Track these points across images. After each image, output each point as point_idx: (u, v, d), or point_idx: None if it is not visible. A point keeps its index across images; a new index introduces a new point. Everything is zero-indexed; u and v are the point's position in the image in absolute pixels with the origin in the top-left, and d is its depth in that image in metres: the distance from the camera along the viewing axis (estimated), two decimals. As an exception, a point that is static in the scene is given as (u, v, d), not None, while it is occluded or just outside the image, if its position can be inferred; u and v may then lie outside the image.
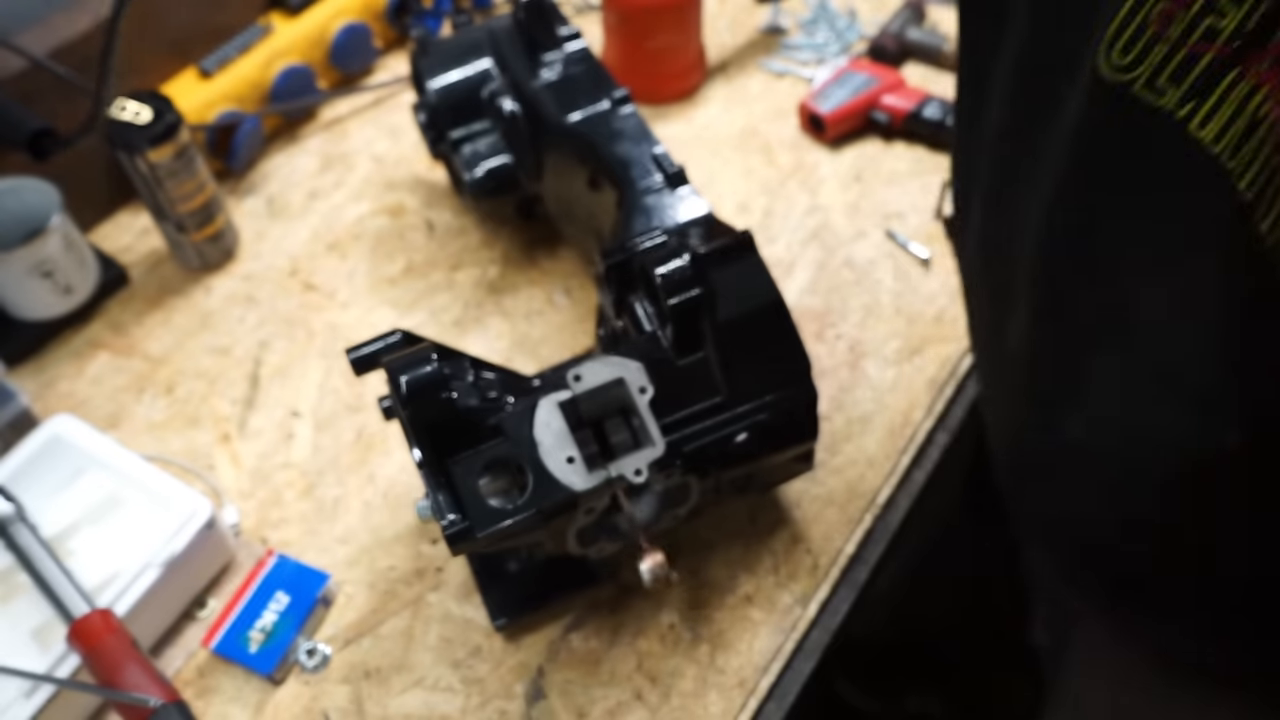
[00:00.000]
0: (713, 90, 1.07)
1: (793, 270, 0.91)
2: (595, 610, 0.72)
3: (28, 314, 0.86)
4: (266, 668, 0.69)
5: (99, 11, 0.89)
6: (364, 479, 0.79)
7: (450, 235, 0.95)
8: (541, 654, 0.70)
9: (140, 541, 0.71)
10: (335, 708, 0.69)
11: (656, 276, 0.60)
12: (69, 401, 0.84)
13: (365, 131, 1.04)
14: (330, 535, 0.76)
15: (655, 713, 0.68)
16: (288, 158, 1.02)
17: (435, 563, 0.75)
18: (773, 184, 0.98)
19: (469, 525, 0.57)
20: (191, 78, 0.96)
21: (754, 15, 1.13)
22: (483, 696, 0.69)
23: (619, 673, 0.69)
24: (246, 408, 0.84)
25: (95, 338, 0.89)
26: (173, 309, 0.90)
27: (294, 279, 0.92)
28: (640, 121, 0.78)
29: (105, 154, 0.91)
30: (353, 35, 1.03)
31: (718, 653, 0.70)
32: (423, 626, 0.72)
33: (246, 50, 0.97)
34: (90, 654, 0.63)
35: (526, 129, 0.83)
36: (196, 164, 0.86)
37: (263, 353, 0.87)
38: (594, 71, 0.83)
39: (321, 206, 0.97)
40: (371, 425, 0.82)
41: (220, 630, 0.70)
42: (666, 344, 0.62)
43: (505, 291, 0.91)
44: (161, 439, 0.82)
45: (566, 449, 0.59)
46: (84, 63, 0.88)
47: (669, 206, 0.71)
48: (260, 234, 0.95)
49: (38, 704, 0.64)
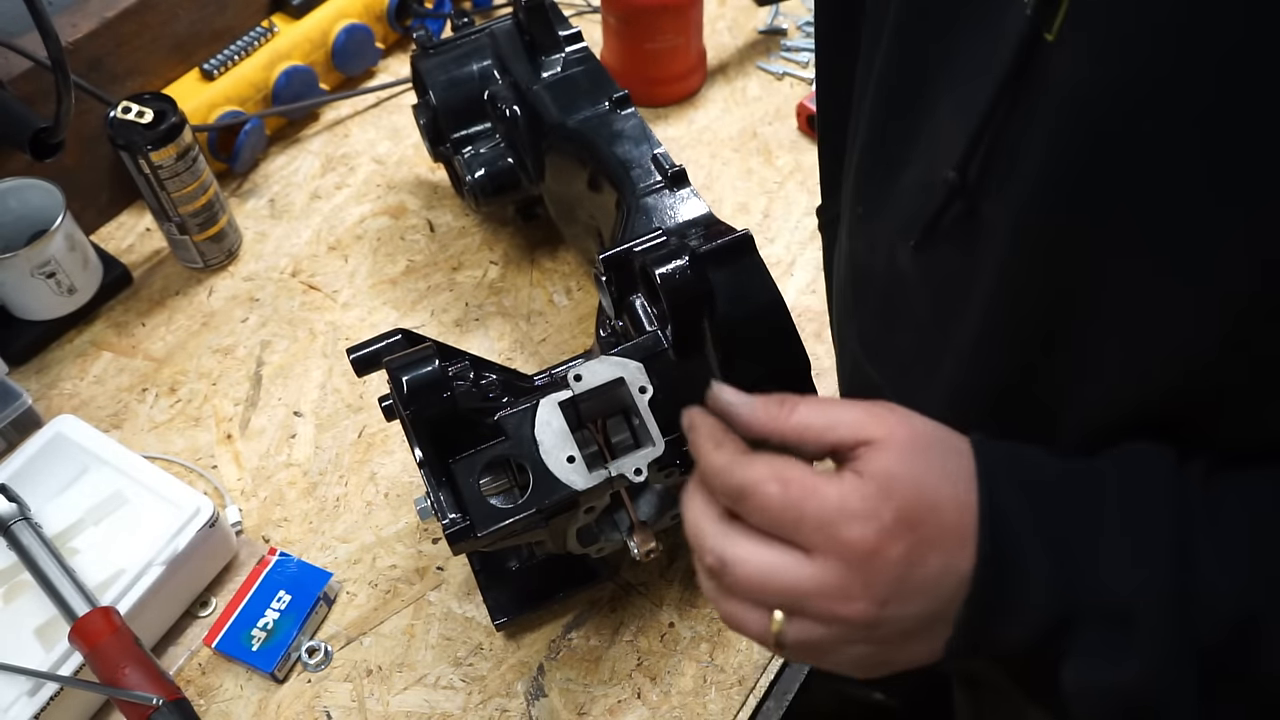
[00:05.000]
0: (712, 91, 1.07)
1: (792, 270, 0.91)
2: (595, 609, 0.72)
3: (31, 314, 0.87)
4: (268, 666, 0.69)
5: (101, 13, 0.89)
6: (365, 478, 0.79)
7: (451, 236, 0.95)
8: (542, 652, 0.71)
9: (143, 540, 0.71)
10: (337, 706, 0.69)
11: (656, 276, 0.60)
12: (72, 401, 0.85)
13: (367, 133, 1.04)
14: (332, 534, 0.77)
15: (655, 711, 0.68)
16: (290, 159, 1.02)
17: (436, 562, 0.75)
18: (772, 184, 0.98)
19: (470, 524, 0.58)
20: (194, 79, 0.96)
21: (754, 17, 1.14)
22: (483, 695, 0.69)
23: (619, 671, 0.70)
24: (249, 407, 0.84)
25: (98, 338, 0.89)
26: (175, 309, 0.91)
27: (296, 279, 0.92)
28: (640, 122, 0.79)
29: (108, 155, 0.91)
30: (354, 37, 1.03)
31: (717, 651, 0.70)
32: (424, 625, 0.72)
33: (249, 52, 0.97)
34: (92, 652, 0.64)
35: (527, 130, 0.83)
36: (199, 165, 0.86)
37: (265, 353, 0.87)
38: (594, 73, 0.84)
39: (323, 207, 0.98)
40: (373, 425, 0.82)
41: (222, 629, 0.70)
42: (666, 344, 0.62)
43: (506, 292, 0.91)
44: (164, 438, 0.82)
45: (567, 448, 0.59)
46: (86, 64, 0.88)
47: (669, 207, 0.72)
48: (262, 235, 0.96)
49: (41, 702, 0.64)
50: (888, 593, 0.37)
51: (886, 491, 0.38)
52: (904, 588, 0.38)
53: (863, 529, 0.37)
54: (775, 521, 0.39)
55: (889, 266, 0.50)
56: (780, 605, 0.39)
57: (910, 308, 0.50)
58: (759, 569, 0.39)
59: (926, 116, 0.45)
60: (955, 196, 0.42)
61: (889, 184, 0.49)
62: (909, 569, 0.37)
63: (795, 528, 0.38)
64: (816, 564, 0.38)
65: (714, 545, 0.40)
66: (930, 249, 0.46)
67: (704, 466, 0.42)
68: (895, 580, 0.37)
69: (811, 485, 0.38)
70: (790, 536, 0.39)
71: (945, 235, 0.44)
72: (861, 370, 0.59)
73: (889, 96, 0.48)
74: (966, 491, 0.38)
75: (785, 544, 0.39)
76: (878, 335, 0.57)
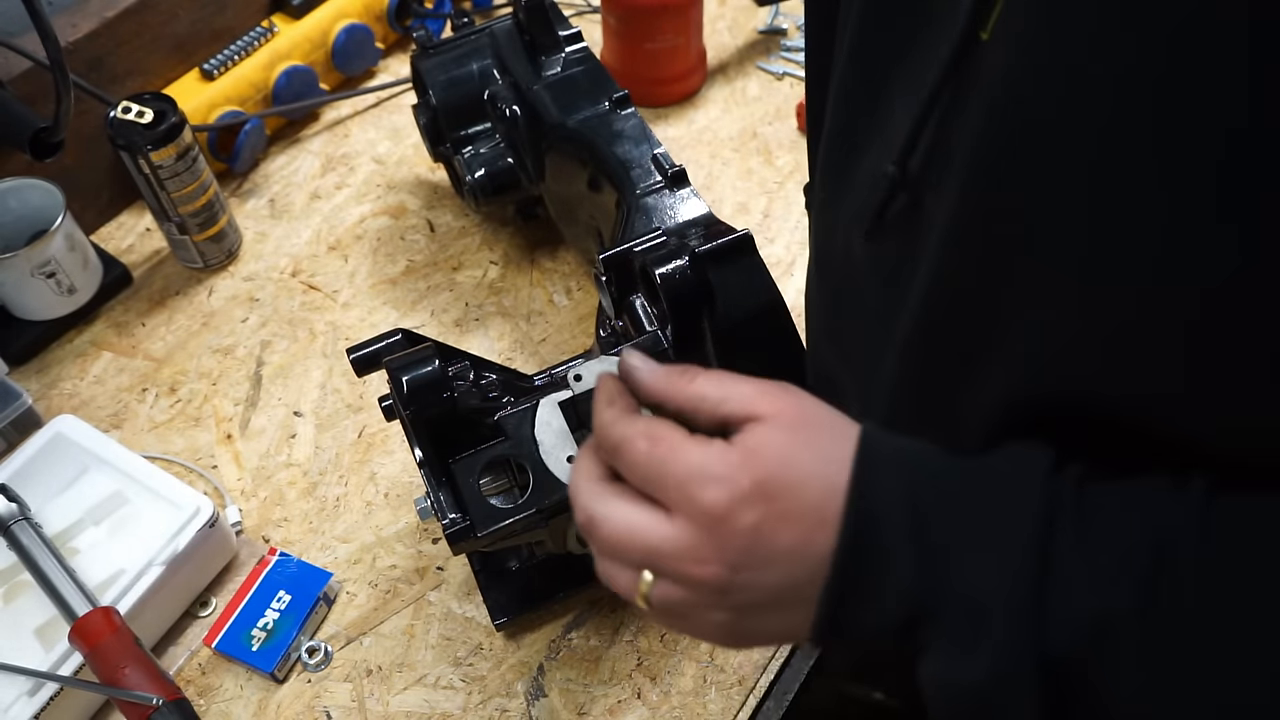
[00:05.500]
0: (712, 91, 1.07)
1: (792, 270, 0.91)
2: (595, 609, 0.72)
3: (31, 314, 0.87)
4: (268, 666, 0.69)
5: (101, 13, 0.89)
6: (365, 478, 0.79)
7: (451, 236, 0.95)
8: (542, 652, 0.71)
9: (143, 540, 0.71)
10: (337, 706, 0.69)
11: (656, 276, 0.60)
12: (72, 401, 0.85)
13: (367, 133, 1.04)
14: (332, 534, 0.77)
15: (655, 711, 0.68)
16: (290, 159, 1.02)
17: (436, 562, 0.75)
18: (772, 185, 0.98)
19: (470, 524, 0.58)
20: (194, 79, 0.96)
21: (754, 17, 1.14)
22: (483, 695, 0.69)
23: (619, 671, 0.70)
24: (249, 407, 0.84)
25: (98, 338, 0.89)
26: (175, 309, 0.91)
27: (296, 279, 0.92)
28: (640, 122, 0.79)
29: (108, 155, 0.91)
30: (354, 37, 1.03)
31: (717, 651, 0.70)
32: (424, 625, 0.72)
33: (249, 52, 0.97)
34: (92, 652, 0.64)
35: (527, 130, 0.83)
36: (199, 165, 0.86)
37: (265, 353, 0.88)
38: (594, 73, 0.84)
39: (323, 207, 0.98)
40: (373, 425, 0.82)
41: (223, 629, 0.70)
42: (666, 344, 0.62)
43: (506, 292, 0.91)
44: (164, 439, 0.82)
45: (567, 448, 0.59)
46: (86, 64, 0.88)
47: (669, 207, 0.72)
48: (262, 235, 0.96)
49: (40, 702, 0.64)
50: (738, 559, 0.38)
51: (750, 460, 0.38)
52: (754, 557, 0.38)
53: (717, 492, 0.38)
54: (643, 478, 0.40)
55: (845, 254, 0.51)
56: (640, 563, 0.40)
57: (861, 297, 0.51)
58: (619, 525, 0.40)
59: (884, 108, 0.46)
60: (897, 189, 0.43)
61: (849, 172, 0.50)
62: (759, 538, 0.38)
63: (659, 485, 0.39)
64: (674, 524, 0.39)
65: (585, 503, 0.42)
66: (879, 240, 0.47)
67: (594, 423, 0.43)
68: (745, 548, 0.38)
69: (678, 444, 0.39)
70: (655, 494, 0.40)
71: (892, 227, 0.45)
72: (820, 351, 0.60)
73: (851, 88, 0.49)
74: (838, 474, 0.38)
75: (651, 504, 0.40)
76: (833, 319, 0.57)
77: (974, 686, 0.37)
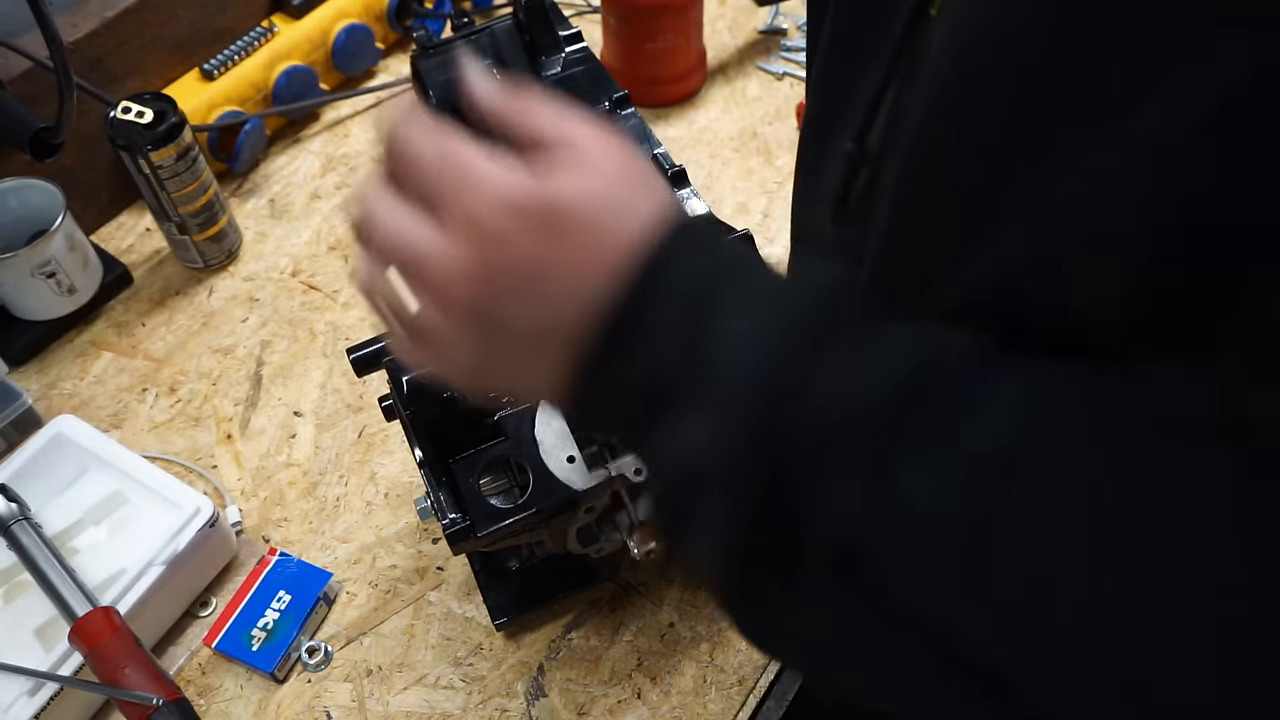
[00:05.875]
0: (712, 92, 1.07)
1: (792, 271, 0.91)
2: (595, 609, 0.72)
3: (31, 314, 0.87)
4: (268, 666, 0.69)
5: (101, 13, 0.89)
6: (365, 478, 0.79)
7: (451, 236, 0.95)
8: (542, 652, 0.71)
9: (143, 540, 0.71)
10: (337, 706, 0.69)
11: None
12: (72, 401, 0.85)
13: (367, 133, 1.04)
14: (332, 534, 0.77)
15: (655, 711, 0.68)
16: (290, 159, 1.02)
17: (436, 562, 0.75)
18: (772, 185, 0.98)
19: (470, 524, 0.58)
20: (194, 79, 0.96)
21: (754, 17, 1.14)
22: (484, 695, 0.69)
23: (619, 671, 0.70)
24: (249, 407, 0.84)
25: (98, 338, 0.89)
26: (175, 309, 0.91)
27: (296, 279, 0.92)
28: (640, 123, 0.79)
29: (108, 155, 0.91)
30: (354, 37, 1.03)
31: (717, 651, 0.70)
32: (424, 625, 0.72)
33: (249, 52, 0.97)
34: (92, 652, 0.64)
35: (527, 130, 0.83)
36: (199, 165, 0.86)
37: (265, 353, 0.88)
38: (594, 73, 0.84)
39: (323, 207, 0.98)
40: (373, 425, 0.82)
41: (223, 629, 0.70)
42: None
43: (506, 292, 0.91)
44: (164, 439, 0.82)
45: (567, 448, 0.59)
46: (86, 64, 0.88)
47: (669, 207, 0.72)
48: (262, 234, 0.96)
49: (40, 702, 0.64)
50: (503, 287, 0.36)
51: (549, 193, 0.36)
52: (520, 290, 0.36)
53: (502, 210, 0.36)
54: (430, 190, 0.38)
55: (818, 236, 0.51)
56: (404, 266, 0.38)
57: None
58: (393, 226, 0.38)
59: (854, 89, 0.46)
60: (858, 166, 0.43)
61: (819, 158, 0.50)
62: (533, 269, 0.36)
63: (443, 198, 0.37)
64: (447, 236, 0.37)
65: (367, 200, 0.40)
66: (845, 222, 0.47)
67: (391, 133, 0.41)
68: (515, 277, 0.36)
69: (473, 159, 0.37)
70: (437, 206, 0.38)
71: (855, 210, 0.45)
72: None
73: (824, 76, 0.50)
74: (637, 231, 0.36)
75: (433, 217, 0.38)
76: None
77: (689, 451, 0.35)
